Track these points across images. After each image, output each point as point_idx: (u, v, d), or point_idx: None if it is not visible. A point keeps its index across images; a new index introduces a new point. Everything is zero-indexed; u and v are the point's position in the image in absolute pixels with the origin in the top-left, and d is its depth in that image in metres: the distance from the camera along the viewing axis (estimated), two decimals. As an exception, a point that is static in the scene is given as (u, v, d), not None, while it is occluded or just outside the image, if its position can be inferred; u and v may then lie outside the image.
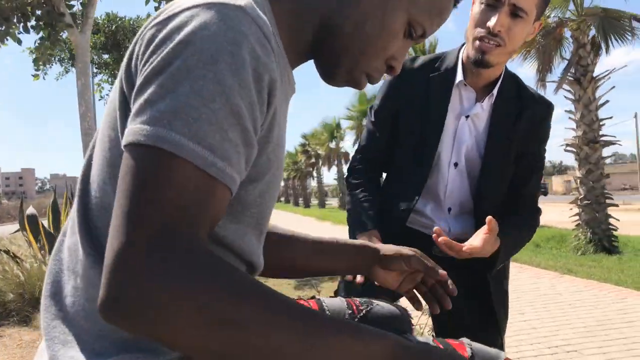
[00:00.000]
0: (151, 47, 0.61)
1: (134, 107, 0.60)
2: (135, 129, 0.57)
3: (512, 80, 1.56)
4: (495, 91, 1.52)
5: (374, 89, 18.86)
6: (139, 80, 0.61)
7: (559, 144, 8.95)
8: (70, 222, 0.75)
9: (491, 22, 1.38)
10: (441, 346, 0.78)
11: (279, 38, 0.72)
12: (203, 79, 0.57)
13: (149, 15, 7.14)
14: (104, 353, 0.65)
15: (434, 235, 1.32)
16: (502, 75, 1.54)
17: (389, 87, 1.61)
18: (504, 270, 1.61)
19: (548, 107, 1.58)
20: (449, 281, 0.98)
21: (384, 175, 1.71)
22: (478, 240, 1.33)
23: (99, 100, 13.40)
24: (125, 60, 0.68)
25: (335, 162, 33.76)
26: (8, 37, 3.04)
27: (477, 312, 1.55)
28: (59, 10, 2.87)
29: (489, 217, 1.33)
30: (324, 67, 0.81)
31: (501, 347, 1.58)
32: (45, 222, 5.98)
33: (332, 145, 33.10)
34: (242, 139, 0.60)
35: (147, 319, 0.50)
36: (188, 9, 0.61)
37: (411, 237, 1.54)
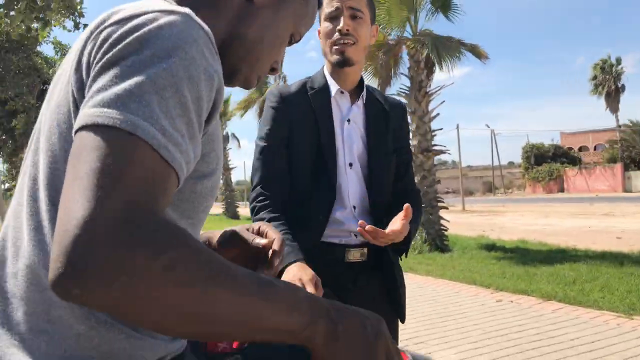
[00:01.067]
0: (107, 45, 0.64)
1: (87, 95, 0.61)
2: (89, 112, 0.58)
3: (370, 88, 1.80)
4: (364, 92, 1.73)
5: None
6: (92, 73, 0.63)
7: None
8: (10, 250, 0.72)
9: (340, 25, 1.62)
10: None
11: None
12: (156, 70, 0.60)
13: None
14: None
15: (358, 228, 1.41)
16: (363, 81, 1.76)
17: (275, 112, 1.66)
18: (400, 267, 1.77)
19: (403, 107, 1.86)
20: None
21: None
22: (398, 225, 1.44)
23: None
24: (73, 63, 0.69)
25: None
26: None
27: (390, 311, 1.67)
28: None
29: (406, 205, 1.44)
30: (228, 68, 0.88)
31: (403, 319, 1.73)
32: None
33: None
34: (187, 130, 0.63)
35: (113, 284, 0.50)
36: (145, 13, 0.66)
37: (324, 249, 1.62)
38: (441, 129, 9.65)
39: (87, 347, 0.67)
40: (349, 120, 1.70)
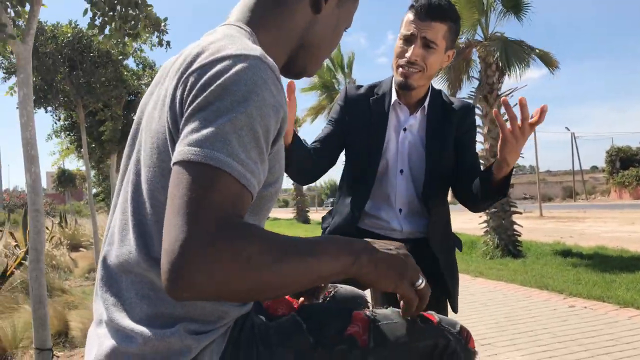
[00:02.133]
0: (195, 90, 0.81)
1: (182, 134, 0.78)
2: (184, 150, 0.76)
3: (437, 95, 1.87)
4: (425, 104, 1.81)
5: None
6: (186, 114, 0.80)
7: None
8: (117, 235, 0.93)
9: (408, 53, 1.70)
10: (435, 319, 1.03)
11: None
12: (236, 114, 0.77)
13: (71, 22, 6.95)
14: (166, 324, 0.85)
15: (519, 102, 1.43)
16: (429, 92, 1.83)
17: (338, 108, 1.87)
18: (452, 246, 1.89)
19: (468, 106, 1.87)
20: None
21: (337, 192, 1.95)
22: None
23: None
24: (168, 98, 0.86)
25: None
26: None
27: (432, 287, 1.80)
28: (0, 21, 2.82)
29: (543, 106, 1.42)
30: (295, 71, 1.08)
31: (455, 309, 1.87)
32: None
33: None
34: (259, 158, 0.80)
35: (212, 284, 0.69)
36: (222, 59, 0.82)
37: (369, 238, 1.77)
38: (513, 132, 9.44)
39: (179, 310, 0.87)
40: (405, 129, 1.81)
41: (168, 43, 4.71)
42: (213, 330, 0.88)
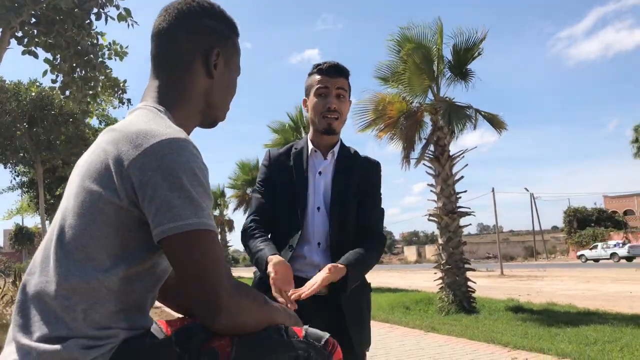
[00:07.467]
0: (146, 176, 1.01)
1: (152, 214, 1.01)
2: (171, 227, 1.00)
3: (346, 147, 2.20)
4: (335, 150, 2.14)
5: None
6: (146, 197, 1.01)
7: (424, 214, 9.93)
8: (39, 267, 1.08)
9: (329, 104, 2.06)
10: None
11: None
12: (196, 186, 1.03)
13: (33, 81, 7.11)
14: (60, 342, 0.99)
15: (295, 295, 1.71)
16: (339, 141, 2.16)
17: (264, 168, 2.18)
18: (365, 302, 2.05)
19: (372, 163, 2.19)
20: None
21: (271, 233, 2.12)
22: (316, 278, 1.77)
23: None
24: (108, 172, 1.05)
25: (219, 230, 32.31)
26: None
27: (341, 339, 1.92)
28: None
29: (330, 265, 1.82)
30: (208, 123, 1.30)
31: (359, 349, 1.95)
32: None
33: (216, 213, 31.95)
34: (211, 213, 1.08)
35: (241, 317, 1.05)
36: (158, 142, 1.02)
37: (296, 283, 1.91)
38: (465, 191, 9.83)
39: (73, 332, 1.01)
40: (320, 173, 2.10)
41: (129, 100, 4.90)
42: (100, 346, 1.01)
